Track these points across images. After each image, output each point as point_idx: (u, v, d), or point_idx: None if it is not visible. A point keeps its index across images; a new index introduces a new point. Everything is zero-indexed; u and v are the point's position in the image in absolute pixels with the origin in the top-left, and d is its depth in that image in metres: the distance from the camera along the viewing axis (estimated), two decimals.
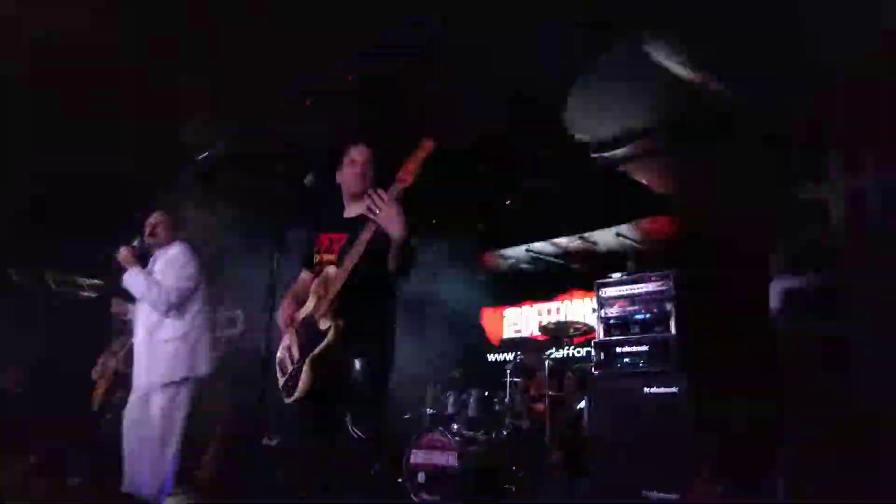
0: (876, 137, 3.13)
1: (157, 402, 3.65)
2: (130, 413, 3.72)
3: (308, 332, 2.67)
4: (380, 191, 2.61)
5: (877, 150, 3.13)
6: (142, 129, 6.18)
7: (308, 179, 2.72)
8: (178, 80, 5.22)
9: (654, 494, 3.69)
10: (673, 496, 3.55)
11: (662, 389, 3.91)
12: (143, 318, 3.79)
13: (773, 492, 3.11)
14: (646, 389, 3.96)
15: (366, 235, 2.64)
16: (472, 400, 5.68)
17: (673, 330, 4.04)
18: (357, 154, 2.92)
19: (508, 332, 7.62)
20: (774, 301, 3.31)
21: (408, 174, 2.60)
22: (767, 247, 3.45)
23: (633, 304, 4.28)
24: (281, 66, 5.32)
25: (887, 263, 2.99)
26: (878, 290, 2.99)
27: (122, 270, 3.81)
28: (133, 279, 3.73)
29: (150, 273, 3.81)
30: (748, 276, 3.66)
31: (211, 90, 5.42)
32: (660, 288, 4.18)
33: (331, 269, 2.70)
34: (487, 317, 7.92)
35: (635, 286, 4.30)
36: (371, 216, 2.56)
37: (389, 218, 2.54)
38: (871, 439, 2.85)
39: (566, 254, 7.07)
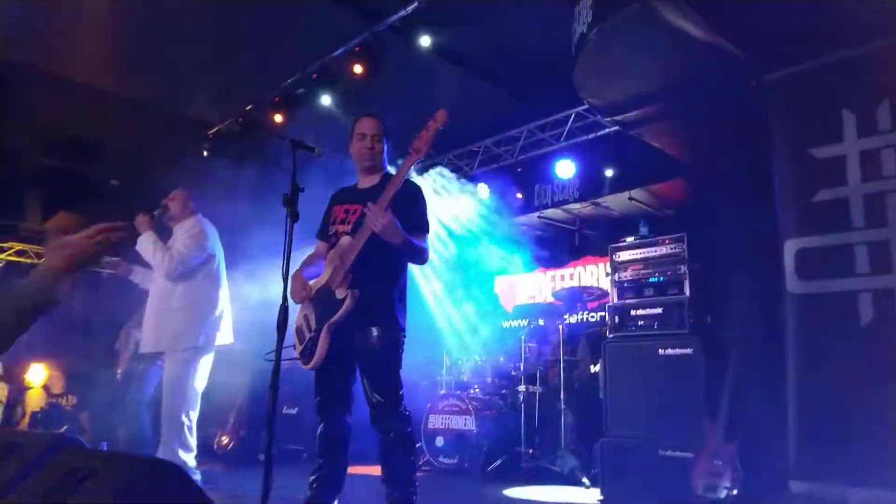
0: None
1: (169, 369, 3.74)
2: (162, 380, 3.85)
3: (324, 301, 2.71)
4: (370, 204, 2.60)
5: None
6: (156, 106, 6.24)
7: (317, 151, 2.73)
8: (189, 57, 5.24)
9: (670, 454, 3.74)
10: (688, 455, 3.59)
11: (677, 351, 3.93)
12: (157, 286, 3.87)
13: (785, 453, 3.15)
14: (660, 351, 3.99)
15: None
16: (488, 365, 5.76)
17: (687, 292, 4.04)
18: (366, 127, 2.92)
19: (522, 299, 7.65)
20: (788, 261, 3.30)
21: (422, 145, 2.61)
22: (780, 207, 3.43)
23: (646, 267, 4.28)
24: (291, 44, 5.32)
25: None
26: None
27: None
28: (144, 243, 3.81)
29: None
30: (762, 236, 3.64)
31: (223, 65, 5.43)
32: (673, 251, 4.17)
33: (346, 240, 2.74)
34: (501, 284, 7.96)
35: (649, 249, 4.29)
36: (367, 225, 2.58)
37: (385, 228, 2.55)
38: (883, 397, 2.87)
39: (579, 219, 7.05)
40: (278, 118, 5.97)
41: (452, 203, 6.88)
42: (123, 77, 5.91)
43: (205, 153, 6.71)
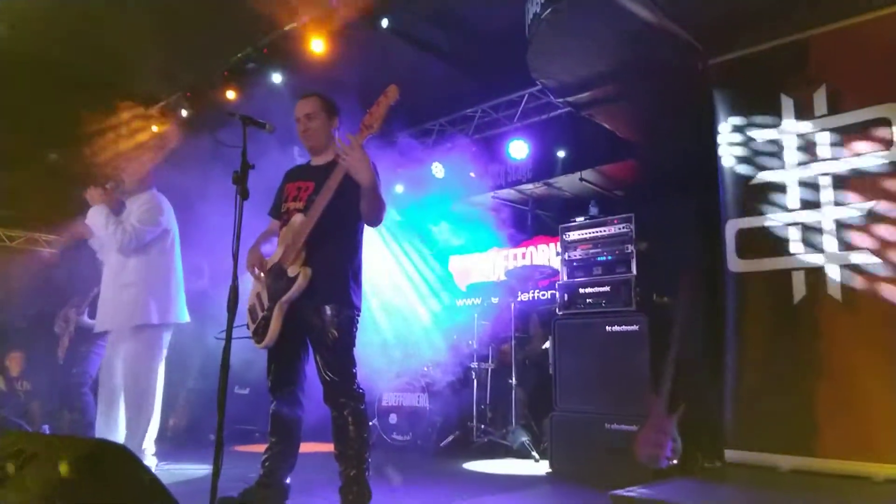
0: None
1: (125, 346, 3.66)
2: (105, 359, 3.75)
3: (277, 279, 2.69)
4: (348, 136, 2.62)
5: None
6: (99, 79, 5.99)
7: (269, 127, 2.68)
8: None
9: (616, 427, 3.87)
10: (632, 428, 3.73)
11: (624, 328, 4.05)
12: (110, 262, 3.77)
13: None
14: (608, 328, 4.11)
15: (333, 183, 2.65)
16: (442, 343, 5.82)
17: (634, 271, 4.16)
18: (298, 110, 2.89)
19: (476, 278, 7.73)
20: (729, 241, 3.44)
21: (373, 120, 2.60)
22: (723, 188, 3.55)
23: (595, 246, 4.38)
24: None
25: None
26: None
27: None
28: (95, 216, 3.70)
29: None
30: (704, 217, 3.77)
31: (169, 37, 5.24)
32: (621, 231, 4.28)
33: (298, 218, 2.72)
34: (455, 263, 8.01)
35: (598, 229, 4.39)
36: (340, 162, 2.58)
37: (355, 164, 2.55)
38: (811, 371, 3.04)
39: (532, 200, 7.14)
40: (230, 94, 5.82)
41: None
42: (64, 49, 5.64)
43: (154, 128, 6.49)
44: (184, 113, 6.34)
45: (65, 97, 6.08)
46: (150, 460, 3.65)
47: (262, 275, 2.77)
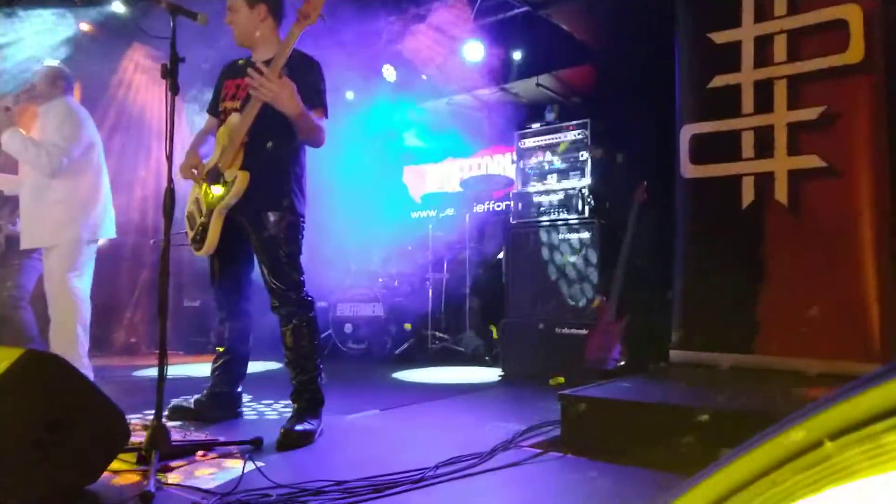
0: None
1: (51, 267, 3.49)
2: (43, 275, 3.60)
3: (214, 183, 2.55)
4: (259, 67, 2.39)
5: None
6: None
7: (201, 17, 2.44)
8: None
9: (566, 331, 3.97)
10: (582, 332, 3.83)
11: (576, 235, 4.08)
12: (29, 180, 3.52)
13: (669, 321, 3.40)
14: (560, 236, 4.13)
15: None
16: (396, 254, 5.80)
17: (588, 178, 4.14)
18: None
19: (431, 188, 7.62)
20: (683, 146, 3.41)
21: (311, 9, 2.40)
22: (679, 93, 3.49)
23: (550, 154, 4.32)
24: None
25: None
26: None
27: None
28: (11, 141, 3.41)
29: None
30: (661, 123, 3.72)
31: None
32: (577, 137, 4.22)
33: (235, 117, 2.55)
34: (410, 174, 7.86)
35: (553, 136, 4.32)
36: (255, 95, 2.38)
37: (276, 97, 2.36)
38: (753, 274, 3.11)
39: (487, 106, 6.96)
40: None
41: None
42: None
43: (83, 27, 5.94)
44: (115, 7, 5.81)
45: None
46: (88, 372, 3.57)
47: (200, 179, 2.62)
